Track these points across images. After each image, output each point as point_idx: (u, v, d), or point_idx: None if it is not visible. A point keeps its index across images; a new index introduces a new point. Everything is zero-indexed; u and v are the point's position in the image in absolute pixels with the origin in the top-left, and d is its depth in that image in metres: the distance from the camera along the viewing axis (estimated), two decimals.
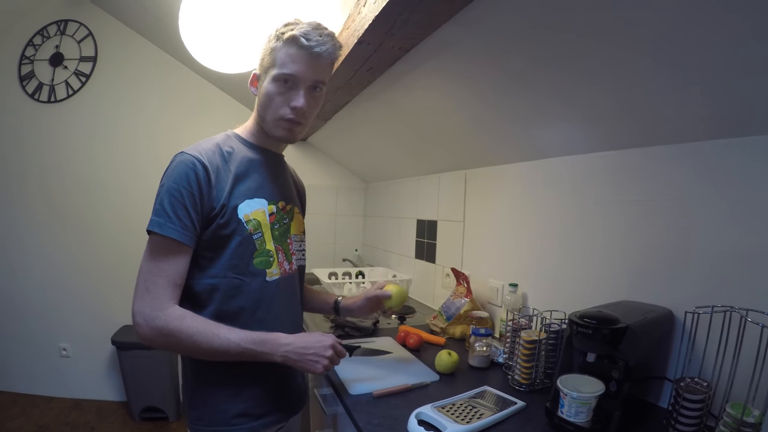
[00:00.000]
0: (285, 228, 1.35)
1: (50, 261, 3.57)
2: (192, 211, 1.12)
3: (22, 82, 3.41)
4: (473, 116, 1.91)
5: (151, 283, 1.10)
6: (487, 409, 1.29)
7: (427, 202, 2.90)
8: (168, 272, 1.11)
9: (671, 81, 1.13)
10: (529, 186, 1.96)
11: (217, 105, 3.77)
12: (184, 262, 1.14)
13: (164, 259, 1.11)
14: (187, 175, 1.12)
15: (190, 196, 1.12)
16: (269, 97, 1.23)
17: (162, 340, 1.10)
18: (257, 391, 1.27)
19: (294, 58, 1.19)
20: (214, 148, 1.22)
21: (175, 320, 1.09)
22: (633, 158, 1.48)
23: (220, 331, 1.12)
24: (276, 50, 1.20)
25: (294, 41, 1.18)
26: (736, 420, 1.00)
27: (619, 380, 1.20)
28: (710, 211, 1.26)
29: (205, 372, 1.24)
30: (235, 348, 1.12)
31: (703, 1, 0.88)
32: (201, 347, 1.10)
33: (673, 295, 1.35)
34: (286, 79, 1.21)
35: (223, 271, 1.20)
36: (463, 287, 2.17)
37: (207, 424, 1.22)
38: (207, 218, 1.16)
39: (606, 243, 1.58)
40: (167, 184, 1.13)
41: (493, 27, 1.32)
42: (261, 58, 1.27)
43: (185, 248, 1.13)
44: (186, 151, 1.17)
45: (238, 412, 1.23)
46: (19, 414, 3.33)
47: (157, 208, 1.12)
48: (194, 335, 1.09)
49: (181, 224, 1.10)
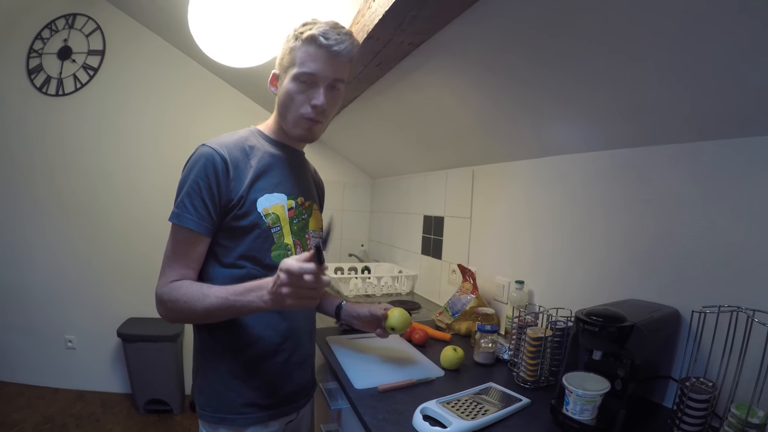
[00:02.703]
0: (304, 223, 1.37)
1: (57, 253, 3.58)
2: (209, 202, 1.17)
3: (30, 76, 3.42)
4: (482, 113, 1.91)
5: (167, 266, 1.19)
6: (492, 405, 1.29)
7: (434, 198, 2.89)
8: (183, 257, 1.19)
9: (679, 79, 1.13)
10: (536, 183, 1.96)
11: (224, 99, 3.78)
12: (199, 250, 1.21)
13: (182, 245, 1.19)
14: (206, 167, 1.17)
15: (208, 188, 1.16)
16: (290, 96, 1.25)
17: (168, 313, 1.18)
18: (265, 380, 1.28)
19: (313, 57, 1.21)
20: (236, 142, 1.26)
21: (174, 290, 1.15)
22: (641, 157, 1.48)
23: (211, 290, 1.14)
24: (295, 50, 1.22)
25: (313, 40, 1.19)
26: (740, 420, 1.00)
27: (625, 379, 1.19)
28: (718, 210, 1.25)
29: (215, 360, 1.26)
30: (224, 302, 1.11)
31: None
32: (197, 310, 1.13)
33: (679, 295, 1.35)
34: (306, 77, 1.22)
35: (241, 261, 1.23)
36: (469, 284, 2.17)
37: (214, 411, 1.24)
38: (225, 208, 1.20)
39: (613, 241, 1.58)
40: (187, 176, 1.18)
41: (502, 24, 1.32)
42: (280, 58, 1.29)
43: (201, 237, 1.19)
44: (207, 144, 1.21)
45: (246, 401, 1.25)
46: (25, 405, 3.35)
47: (178, 200, 1.18)
48: (189, 300, 1.13)
49: (197, 215, 1.16)
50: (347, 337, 1.89)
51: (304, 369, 1.41)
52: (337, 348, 1.75)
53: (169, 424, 3.31)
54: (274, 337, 1.30)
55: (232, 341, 1.25)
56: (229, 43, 1.90)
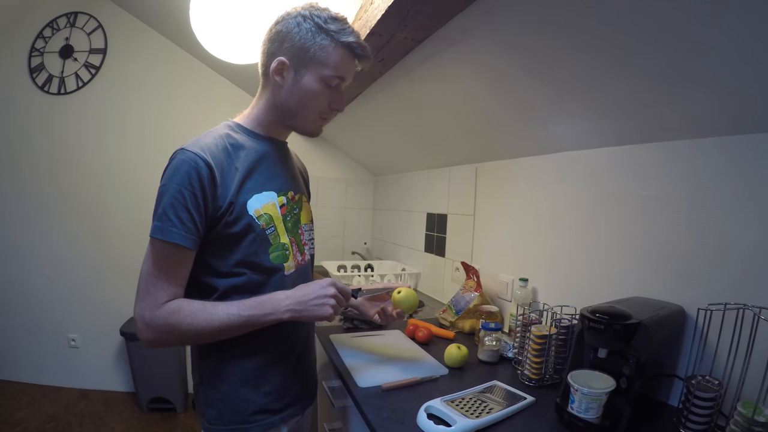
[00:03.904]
0: (296, 219, 1.33)
1: (59, 252, 3.59)
2: (195, 213, 1.07)
3: (32, 74, 3.42)
4: (485, 109, 1.90)
5: (152, 285, 1.07)
6: (496, 403, 1.29)
7: (437, 196, 2.89)
8: (170, 275, 1.08)
9: (686, 75, 1.12)
10: (540, 180, 1.95)
11: (226, 96, 3.77)
12: (186, 265, 1.12)
13: (166, 262, 1.08)
14: (189, 175, 1.07)
15: (193, 197, 1.07)
16: (314, 95, 1.20)
17: (166, 338, 1.08)
18: (275, 384, 1.25)
19: (347, 65, 1.20)
20: (217, 142, 1.16)
21: (173, 314, 1.06)
22: (647, 153, 1.47)
23: (218, 309, 1.09)
24: (326, 48, 1.16)
25: (350, 48, 1.18)
26: (747, 419, 0.99)
27: (630, 377, 1.19)
28: (725, 207, 1.24)
29: (221, 370, 1.21)
30: (238, 319, 1.09)
31: None
32: (204, 331, 1.07)
33: (685, 292, 1.34)
34: (336, 82, 1.21)
35: (239, 269, 1.17)
36: (472, 281, 2.16)
37: (226, 423, 1.20)
38: (213, 218, 1.12)
39: (618, 239, 1.57)
40: (168, 185, 1.08)
41: (506, 18, 1.31)
42: (298, 47, 1.17)
43: (188, 252, 1.10)
44: (186, 148, 1.11)
45: (257, 408, 1.22)
46: (28, 404, 3.36)
47: (159, 212, 1.07)
48: (194, 322, 1.06)
49: (184, 228, 1.06)
50: (351, 336, 1.89)
51: (311, 369, 1.41)
52: (340, 347, 1.75)
53: (172, 422, 3.32)
54: (285, 339, 1.28)
55: (242, 349, 1.21)
56: (230, 39, 1.89)
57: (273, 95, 1.24)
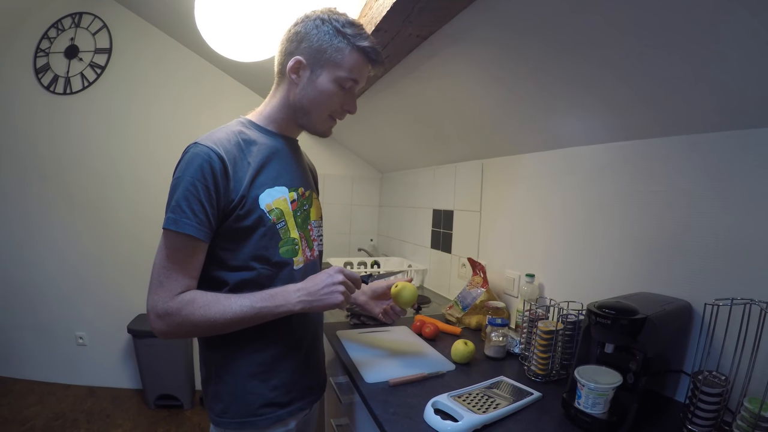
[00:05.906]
0: (306, 215, 1.34)
1: (66, 251, 3.61)
2: (207, 205, 1.09)
3: (38, 75, 3.44)
4: (490, 105, 1.90)
5: (165, 276, 1.08)
6: (503, 399, 1.29)
7: (443, 192, 2.89)
8: (183, 266, 1.10)
9: (693, 70, 1.11)
10: (546, 176, 1.95)
11: (231, 95, 3.78)
12: (199, 257, 1.13)
13: (180, 254, 1.09)
14: (202, 168, 1.08)
15: (206, 190, 1.08)
16: (327, 95, 1.23)
17: (179, 330, 1.09)
18: (283, 378, 1.26)
19: (361, 68, 1.24)
20: (230, 137, 1.18)
21: (186, 305, 1.07)
22: (653, 148, 1.46)
23: (231, 300, 1.11)
24: (343, 51, 1.20)
25: (365, 53, 1.22)
26: (753, 415, 0.99)
27: (637, 372, 1.19)
28: (732, 202, 1.24)
29: (229, 363, 1.22)
30: (250, 311, 1.11)
31: None
32: (217, 322, 1.09)
33: (691, 288, 1.33)
34: (350, 84, 1.24)
35: (250, 262, 1.18)
36: (479, 277, 2.16)
37: (234, 416, 1.21)
38: (225, 211, 1.13)
39: (624, 234, 1.56)
40: (181, 177, 1.09)
41: (511, 14, 1.31)
42: (316, 48, 1.20)
43: (201, 243, 1.11)
44: (200, 142, 1.12)
45: (265, 401, 1.23)
46: (36, 402, 3.38)
47: (172, 204, 1.08)
48: (207, 313, 1.08)
49: (197, 220, 1.08)
50: (357, 332, 1.90)
51: (319, 362, 1.42)
52: (347, 342, 1.76)
53: (179, 419, 3.33)
54: (293, 333, 1.29)
55: (250, 342, 1.22)
56: (235, 38, 1.89)
57: (287, 93, 1.27)
